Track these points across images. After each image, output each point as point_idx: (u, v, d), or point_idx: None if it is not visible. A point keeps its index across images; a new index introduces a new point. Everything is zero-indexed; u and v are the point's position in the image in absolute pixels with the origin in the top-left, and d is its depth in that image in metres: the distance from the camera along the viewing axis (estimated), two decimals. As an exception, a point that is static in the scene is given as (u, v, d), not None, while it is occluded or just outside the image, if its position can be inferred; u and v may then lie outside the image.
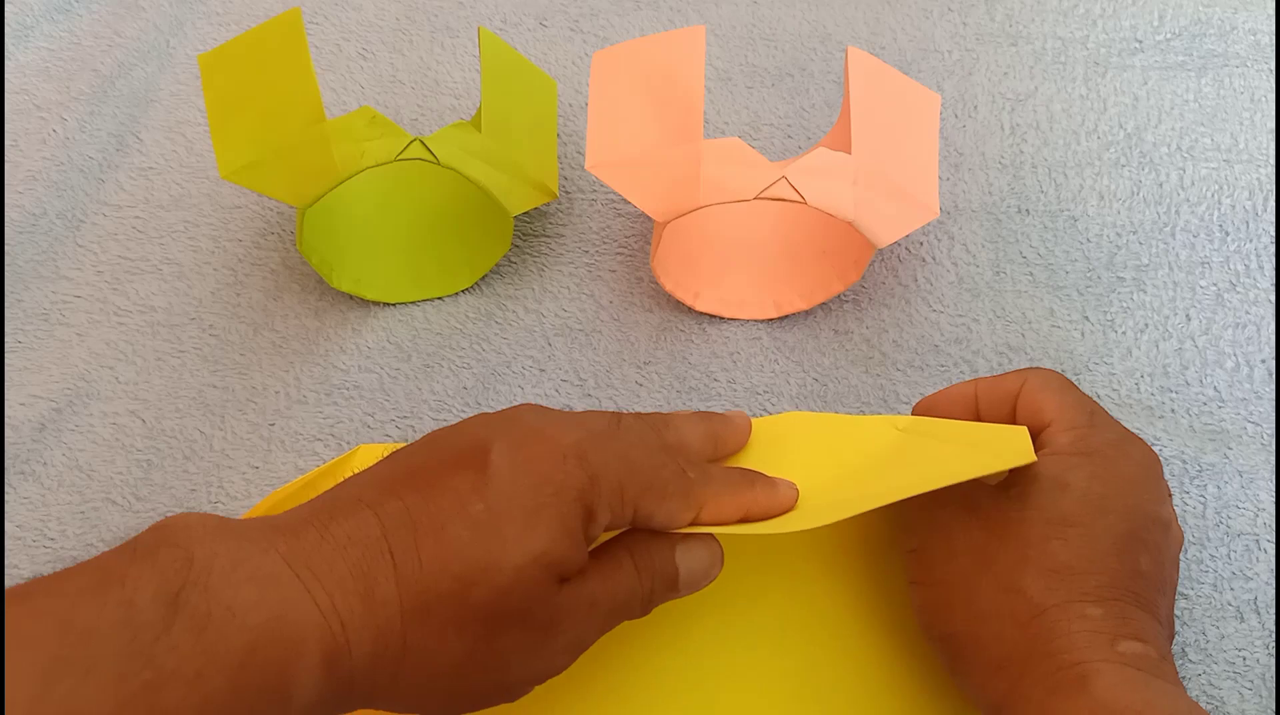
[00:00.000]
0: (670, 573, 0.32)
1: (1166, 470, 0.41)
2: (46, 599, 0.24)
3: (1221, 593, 0.40)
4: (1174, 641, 0.38)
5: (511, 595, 0.28)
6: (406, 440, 0.46)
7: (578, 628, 0.30)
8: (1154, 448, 0.42)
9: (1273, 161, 0.51)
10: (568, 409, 0.45)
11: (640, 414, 0.35)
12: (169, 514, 0.43)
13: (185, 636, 0.24)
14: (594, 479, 0.30)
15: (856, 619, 0.39)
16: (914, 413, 0.39)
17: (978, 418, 0.38)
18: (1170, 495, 0.38)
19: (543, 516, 0.29)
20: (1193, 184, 0.50)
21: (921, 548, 0.35)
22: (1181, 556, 0.40)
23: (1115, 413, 0.44)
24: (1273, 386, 0.44)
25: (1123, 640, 0.31)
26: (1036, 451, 0.34)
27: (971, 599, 0.33)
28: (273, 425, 0.46)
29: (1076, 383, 0.44)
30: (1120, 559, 0.32)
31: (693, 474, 0.33)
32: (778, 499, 0.34)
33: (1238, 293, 0.47)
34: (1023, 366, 0.45)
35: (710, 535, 0.33)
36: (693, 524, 0.32)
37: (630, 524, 0.31)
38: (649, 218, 0.51)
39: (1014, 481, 0.34)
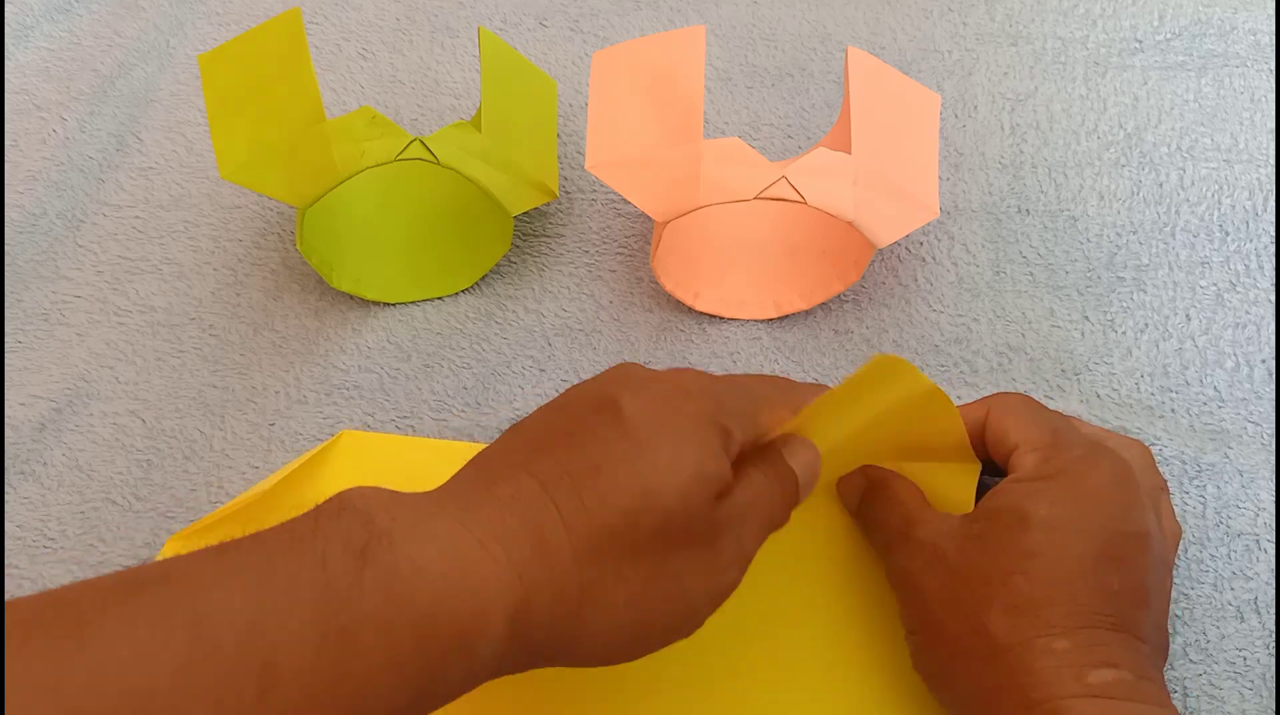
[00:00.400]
0: (790, 475, 0.34)
1: (1166, 470, 0.41)
2: (247, 555, 0.25)
3: (1222, 592, 0.40)
4: (1175, 641, 0.38)
5: (676, 516, 0.29)
6: (406, 440, 0.46)
7: (739, 540, 0.32)
8: (1153, 448, 0.42)
9: (1273, 161, 0.51)
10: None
11: None
12: (169, 514, 0.44)
13: (375, 586, 0.25)
14: (719, 403, 0.32)
15: (852, 606, 0.39)
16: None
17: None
18: (1164, 494, 0.38)
19: (687, 440, 0.30)
20: (1193, 184, 0.50)
21: (904, 599, 0.36)
22: (1181, 556, 0.40)
23: (1115, 413, 0.44)
24: (1273, 386, 0.44)
25: (1092, 670, 0.31)
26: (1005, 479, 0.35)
27: (946, 641, 0.33)
28: (273, 425, 0.46)
29: (1076, 383, 0.45)
30: (1087, 583, 0.32)
31: (784, 382, 0.38)
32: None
33: (1238, 293, 0.47)
34: (1023, 366, 0.45)
35: (807, 441, 0.35)
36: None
37: (756, 438, 0.33)
38: (649, 218, 0.51)
39: (976, 518, 0.34)
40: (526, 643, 0.28)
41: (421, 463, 0.44)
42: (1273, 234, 0.49)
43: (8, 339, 0.49)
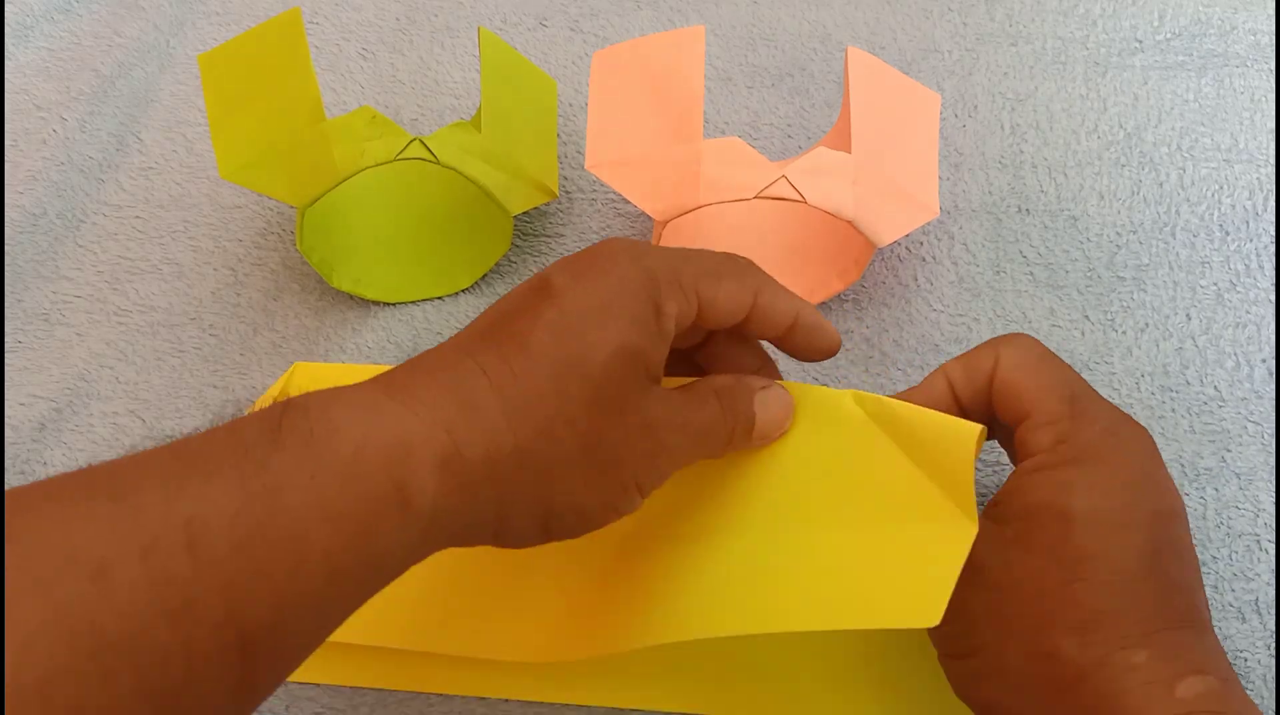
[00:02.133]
0: (749, 417, 0.33)
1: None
2: (157, 448, 0.25)
3: (1222, 594, 0.39)
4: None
5: (605, 386, 0.29)
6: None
7: (673, 442, 0.31)
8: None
9: (1273, 161, 0.51)
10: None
11: None
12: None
13: (293, 448, 0.25)
14: (650, 272, 0.30)
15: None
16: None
17: (962, 408, 0.34)
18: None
19: (612, 312, 0.29)
20: (1193, 184, 0.50)
21: (945, 621, 0.29)
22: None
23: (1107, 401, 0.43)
24: (1273, 386, 0.44)
25: (1181, 681, 0.28)
26: (1018, 459, 0.31)
27: (1004, 670, 0.30)
28: (273, 425, 0.46)
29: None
30: (1152, 580, 0.29)
31: (741, 260, 0.33)
32: (825, 334, 0.34)
33: (1238, 292, 0.47)
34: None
35: (784, 388, 0.34)
36: (750, 316, 0.32)
37: (697, 315, 0.31)
38: (649, 217, 0.51)
39: (1007, 517, 0.31)
40: (470, 490, 0.27)
41: None
42: (1273, 233, 0.49)
43: (8, 339, 0.49)
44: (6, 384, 0.48)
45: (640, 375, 0.30)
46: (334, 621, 0.26)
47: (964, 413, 0.34)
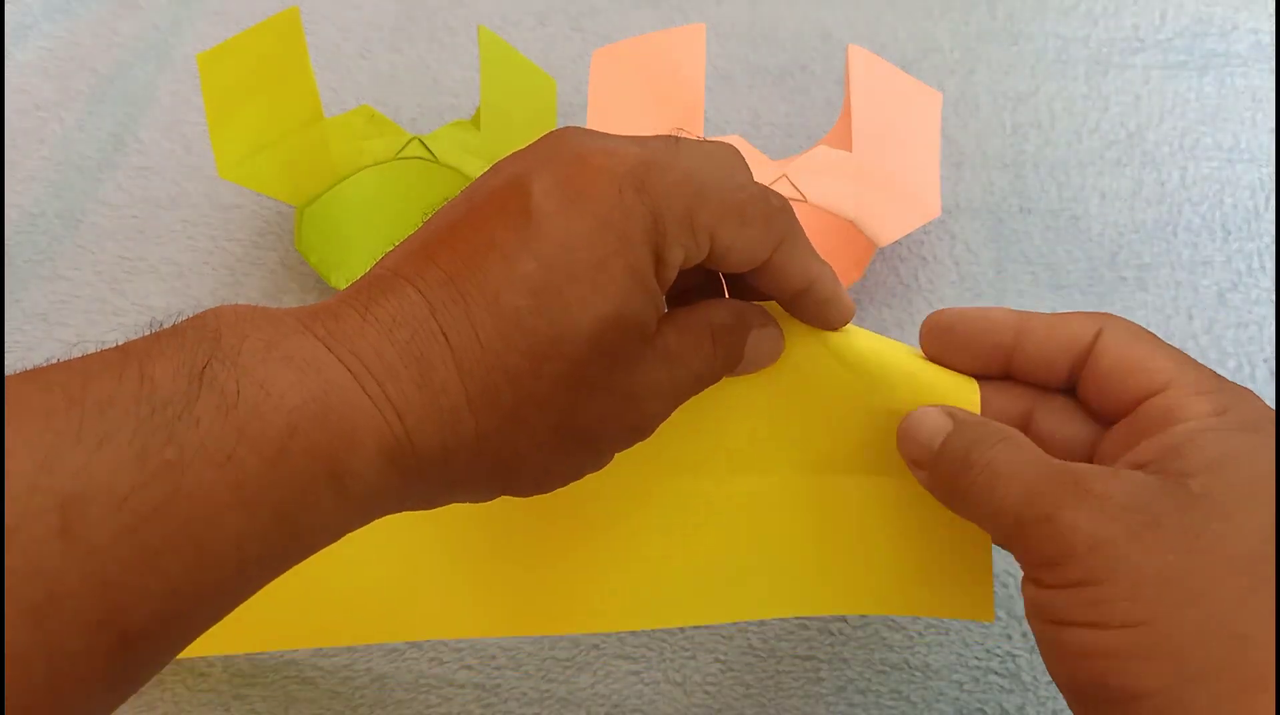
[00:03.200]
0: (738, 355, 0.29)
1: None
2: (58, 373, 0.21)
3: (1224, 593, 0.39)
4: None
5: (588, 364, 0.25)
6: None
7: (661, 396, 0.27)
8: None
9: (1274, 160, 0.51)
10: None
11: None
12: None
13: (212, 414, 0.21)
14: (658, 213, 0.25)
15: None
16: (928, 324, 0.31)
17: (1010, 357, 0.29)
18: None
19: (608, 270, 0.24)
20: (1194, 183, 0.50)
21: (1085, 580, 0.25)
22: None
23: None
24: (1274, 386, 0.44)
25: None
26: (1157, 424, 0.26)
27: (1176, 651, 0.24)
28: (271, 425, 0.46)
29: (1078, 382, 0.44)
30: None
31: (775, 200, 0.27)
32: (838, 309, 0.29)
33: (1239, 292, 0.47)
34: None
35: (778, 325, 0.29)
36: (764, 269, 0.28)
37: (706, 256, 0.27)
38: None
39: (1186, 469, 0.25)
40: (419, 476, 0.24)
41: None
42: (1274, 233, 0.48)
43: (7, 339, 0.49)
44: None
45: (629, 342, 0.25)
46: (239, 603, 0.23)
47: (1013, 364, 0.29)
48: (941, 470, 0.28)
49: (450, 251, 0.25)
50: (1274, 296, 0.46)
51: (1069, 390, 0.29)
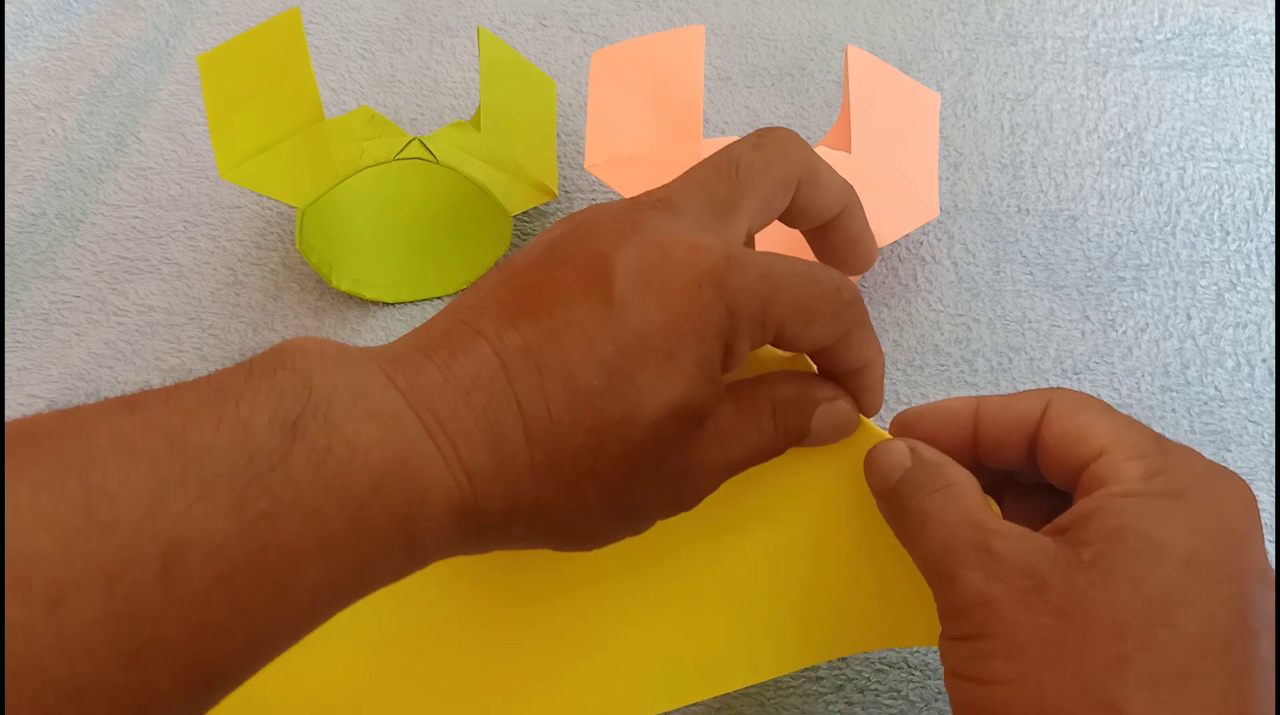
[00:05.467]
0: (803, 431, 0.29)
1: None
2: (159, 411, 0.22)
3: (1222, 593, 0.39)
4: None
5: (649, 447, 0.26)
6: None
7: (710, 474, 0.28)
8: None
9: (1273, 161, 0.51)
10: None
11: None
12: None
13: (304, 468, 0.22)
14: (733, 309, 0.26)
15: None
16: (893, 425, 0.31)
17: (974, 444, 0.30)
18: None
19: (679, 361, 0.25)
20: (1193, 183, 0.50)
21: (972, 635, 0.26)
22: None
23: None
24: (1273, 386, 0.44)
25: None
26: (1091, 490, 0.27)
27: (1042, 707, 0.25)
28: (272, 425, 0.46)
29: (1077, 383, 0.45)
30: (1243, 649, 0.24)
31: (847, 293, 0.28)
32: (878, 394, 0.30)
33: (1238, 292, 0.47)
34: (1023, 366, 0.45)
35: (849, 398, 0.30)
36: (825, 350, 0.28)
37: (769, 342, 0.28)
38: (649, 217, 0.50)
39: (1085, 538, 0.26)
40: (481, 535, 0.25)
41: None
42: (1273, 233, 0.49)
43: (7, 339, 0.49)
44: (6, 384, 0.48)
45: (690, 428, 0.26)
46: (300, 639, 0.24)
47: (978, 446, 0.30)
48: (890, 508, 0.29)
49: (532, 321, 0.25)
50: (1273, 297, 0.47)
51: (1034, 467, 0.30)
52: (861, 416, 0.30)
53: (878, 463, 0.30)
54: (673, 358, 0.25)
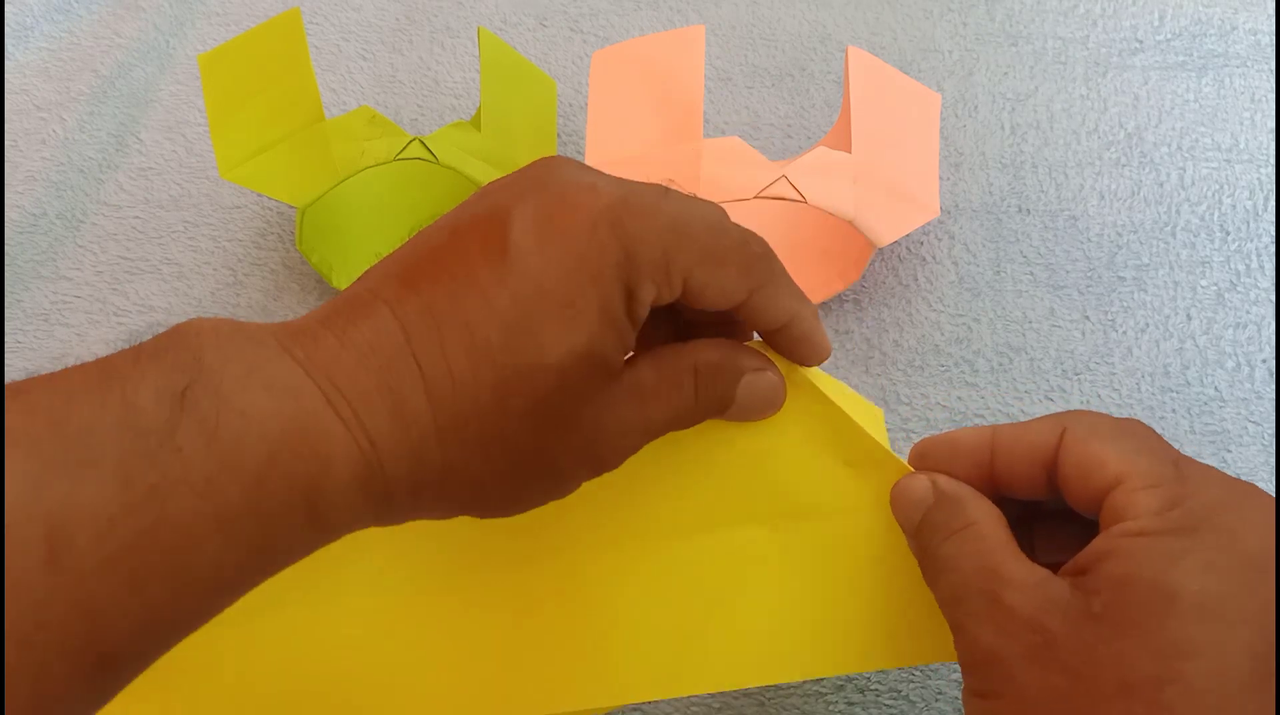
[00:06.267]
0: (726, 400, 0.28)
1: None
2: (42, 395, 0.21)
3: (1222, 593, 0.39)
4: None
5: (554, 398, 0.25)
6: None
7: (628, 432, 0.27)
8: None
9: (1273, 161, 0.51)
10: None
11: None
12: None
13: (193, 441, 0.21)
14: (631, 251, 0.25)
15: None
16: (911, 456, 0.31)
17: (992, 476, 0.29)
18: None
19: (578, 308, 0.25)
20: (1193, 183, 0.50)
21: (987, 693, 0.25)
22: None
23: (1115, 413, 0.43)
24: (1273, 386, 0.44)
25: None
26: (1110, 524, 0.25)
27: None
28: (272, 425, 0.46)
29: (1077, 383, 0.45)
30: (1258, 696, 0.23)
31: (756, 246, 0.27)
32: (813, 349, 0.29)
33: (1238, 292, 0.47)
34: (1023, 366, 0.45)
35: (777, 368, 0.29)
36: (740, 308, 0.27)
37: (681, 296, 0.27)
38: (649, 217, 0.50)
39: (1095, 586, 0.25)
40: (387, 503, 0.25)
41: None
42: (1273, 233, 0.49)
43: (8, 339, 0.49)
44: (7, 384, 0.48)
45: (599, 376, 0.26)
46: (209, 619, 0.23)
47: (995, 478, 0.29)
48: (916, 546, 0.29)
49: (430, 281, 0.25)
50: (1273, 297, 0.47)
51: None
52: (892, 456, 0.30)
53: (902, 501, 0.29)
54: (571, 305, 0.25)
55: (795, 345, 0.29)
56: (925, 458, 0.30)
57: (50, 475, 0.20)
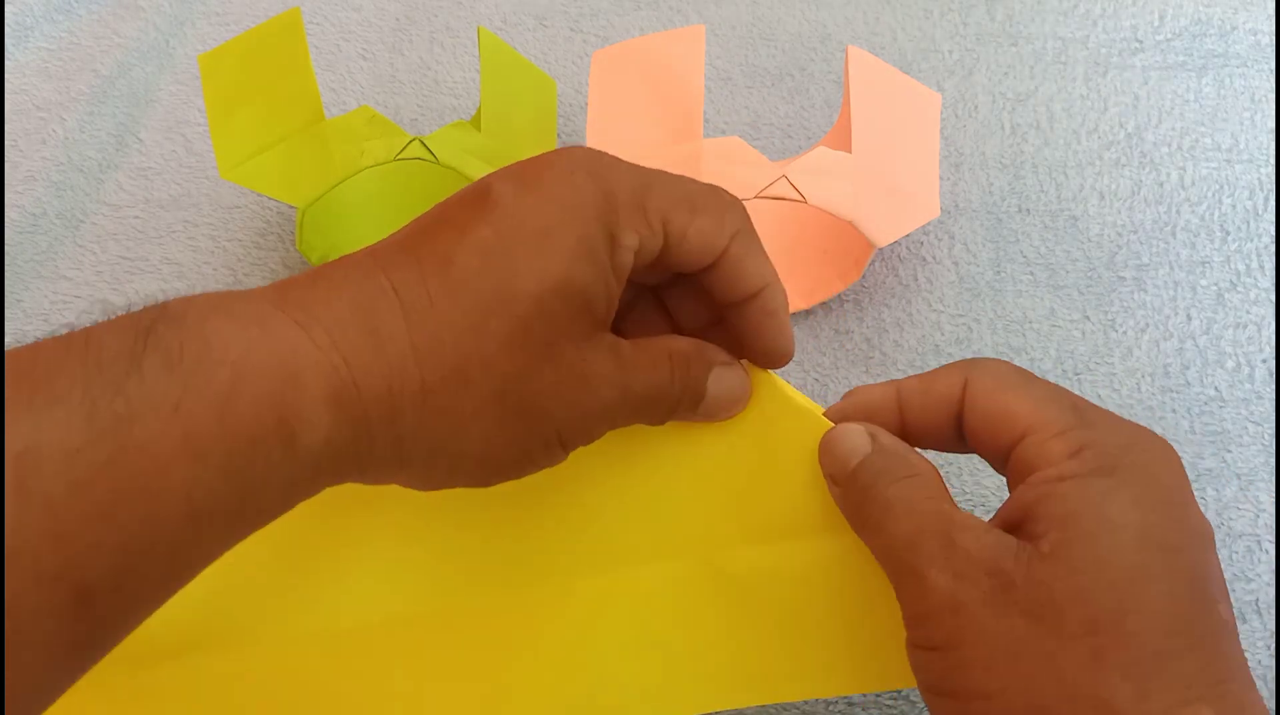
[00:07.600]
0: (698, 392, 0.28)
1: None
2: (12, 356, 0.22)
3: (1222, 593, 0.39)
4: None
5: (533, 326, 0.25)
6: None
7: (610, 399, 0.27)
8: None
9: (1273, 161, 0.51)
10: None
11: None
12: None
13: (158, 368, 0.22)
14: (608, 193, 0.26)
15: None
16: (831, 411, 0.30)
17: (904, 432, 0.29)
18: None
19: (556, 238, 0.25)
20: (1193, 183, 0.50)
21: (945, 645, 0.25)
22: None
23: (1116, 413, 0.43)
24: (1273, 386, 0.44)
25: None
26: (1023, 475, 0.26)
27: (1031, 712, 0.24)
28: (272, 425, 0.46)
29: (1077, 383, 0.45)
30: (1205, 616, 0.24)
31: (727, 196, 0.28)
32: (779, 330, 0.29)
33: (1238, 292, 0.47)
34: (1023, 366, 0.45)
35: (745, 368, 0.29)
36: (717, 263, 0.28)
37: (663, 247, 0.27)
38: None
39: (1037, 530, 0.25)
40: (366, 430, 0.24)
41: None
42: (1273, 233, 0.49)
43: (7, 339, 0.49)
44: (6, 384, 0.48)
45: (580, 316, 0.26)
46: (196, 565, 0.23)
47: (906, 433, 0.29)
48: (850, 494, 0.28)
49: (409, 230, 0.26)
50: (1273, 297, 0.47)
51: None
52: (815, 408, 0.30)
53: (835, 446, 0.29)
54: (549, 235, 0.25)
55: (764, 321, 0.29)
56: (844, 414, 0.30)
57: (17, 412, 0.20)
